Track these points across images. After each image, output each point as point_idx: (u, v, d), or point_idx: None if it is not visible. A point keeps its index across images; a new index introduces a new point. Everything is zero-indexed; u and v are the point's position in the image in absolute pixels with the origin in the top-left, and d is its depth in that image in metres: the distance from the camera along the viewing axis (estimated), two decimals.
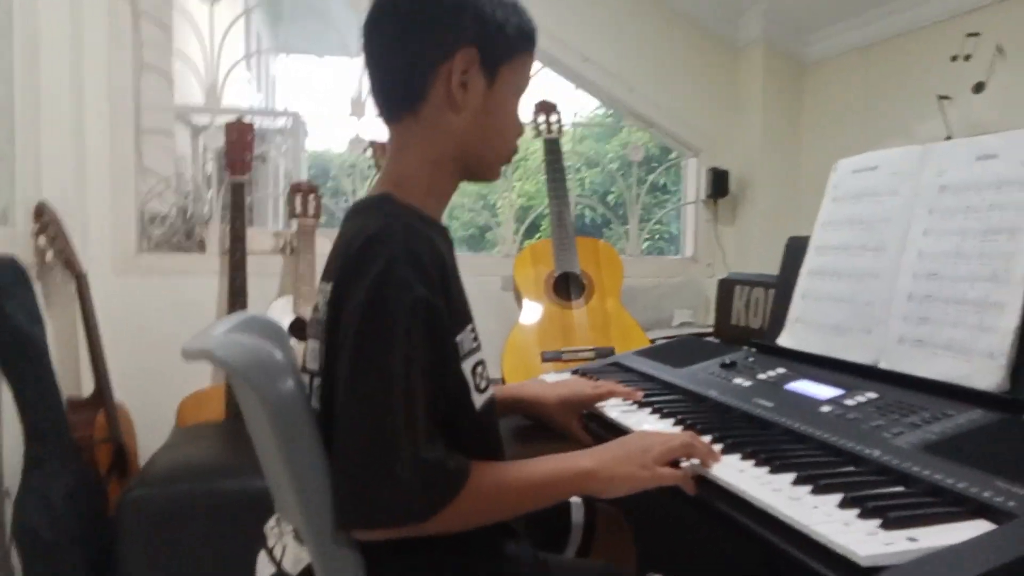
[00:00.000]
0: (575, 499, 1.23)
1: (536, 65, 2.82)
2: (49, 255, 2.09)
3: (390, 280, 0.84)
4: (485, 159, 1.02)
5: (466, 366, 0.94)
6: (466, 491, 0.85)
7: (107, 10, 2.37)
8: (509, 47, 0.97)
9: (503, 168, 1.07)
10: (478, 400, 0.95)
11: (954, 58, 2.21)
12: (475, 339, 0.97)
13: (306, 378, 0.97)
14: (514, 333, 2.36)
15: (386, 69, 0.98)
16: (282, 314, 2.33)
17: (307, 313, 2.34)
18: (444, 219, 1.05)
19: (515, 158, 2.12)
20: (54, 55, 2.16)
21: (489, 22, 0.94)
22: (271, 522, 1.05)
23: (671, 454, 0.93)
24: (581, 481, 0.93)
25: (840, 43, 2.70)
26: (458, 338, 0.92)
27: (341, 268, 0.90)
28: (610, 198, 7.28)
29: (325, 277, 0.97)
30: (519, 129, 1.03)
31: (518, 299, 2.46)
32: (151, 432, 2.30)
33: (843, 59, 2.72)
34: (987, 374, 1.00)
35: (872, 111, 2.58)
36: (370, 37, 0.98)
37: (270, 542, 1.02)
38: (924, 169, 1.21)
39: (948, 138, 2.16)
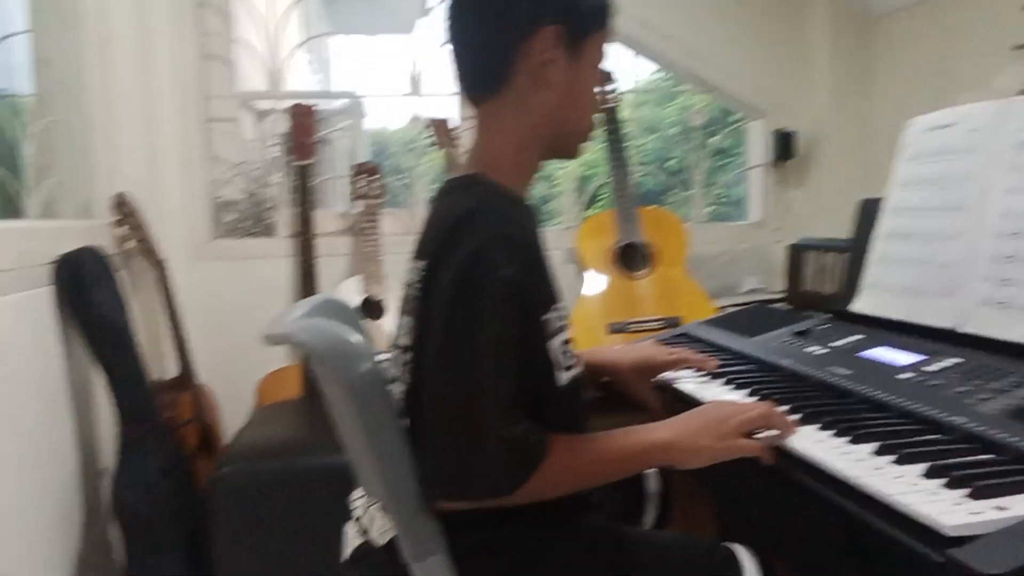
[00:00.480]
0: (650, 469, 1.24)
1: None
2: (130, 244, 2.18)
3: (480, 260, 0.86)
4: (569, 136, 1.04)
5: (553, 344, 0.95)
6: (546, 464, 0.88)
7: (170, 3, 2.43)
8: (589, 22, 0.98)
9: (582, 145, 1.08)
10: (564, 377, 0.97)
11: None
12: (562, 317, 0.98)
13: (398, 353, 1.00)
14: (578, 305, 2.36)
15: (470, 50, 1.00)
16: (351, 294, 2.38)
17: (376, 292, 2.38)
18: None
19: None
20: (124, 50, 2.23)
21: None
22: (357, 494, 1.09)
23: (749, 424, 0.93)
24: (659, 453, 0.94)
25: None
26: (545, 317, 0.93)
27: (434, 247, 0.93)
28: (670, 164, 7.18)
29: (419, 255, 1.00)
30: (597, 104, 1.04)
31: (581, 271, 2.46)
32: (233, 412, 2.39)
33: (914, 10, 2.60)
34: None
35: (945, 64, 2.47)
36: (452, 20, 1.00)
37: (357, 513, 1.06)
38: (1004, 125, 1.17)
39: None
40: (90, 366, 1.81)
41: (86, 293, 1.71)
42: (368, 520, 1.02)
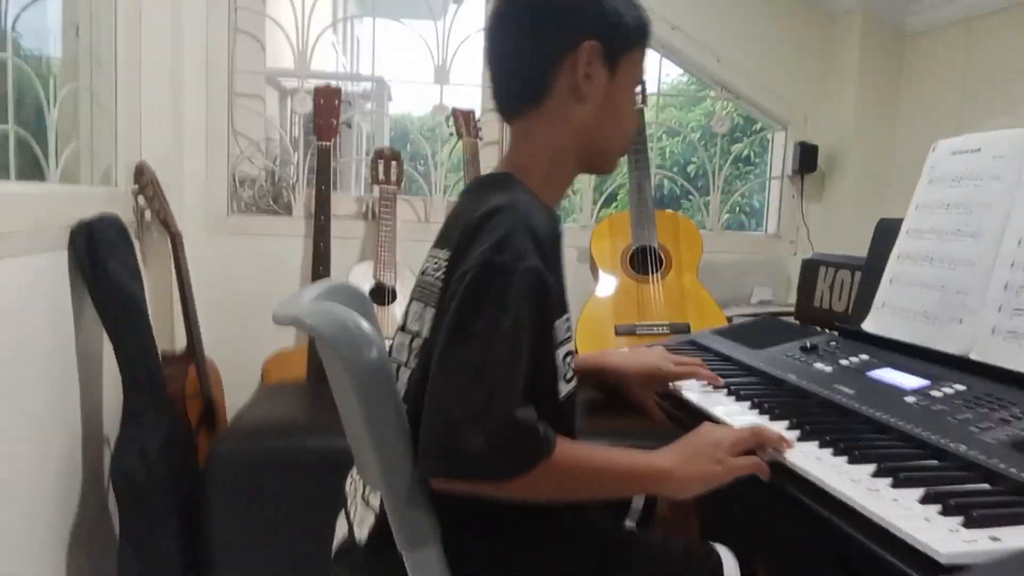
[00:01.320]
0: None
1: None
2: (148, 214, 2.19)
3: (507, 247, 0.87)
4: (605, 151, 1.05)
5: (559, 353, 0.95)
6: (550, 461, 0.86)
7: None
8: (629, 39, 0.99)
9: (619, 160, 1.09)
10: (563, 389, 0.97)
11: None
12: (568, 328, 0.99)
13: (405, 338, 1.01)
14: (589, 305, 2.37)
15: (510, 64, 1.02)
16: (363, 279, 2.39)
17: (387, 279, 2.39)
18: None
19: None
20: (155, 19, 2.24)
21: (610, 15, 0.97)
22: (349, 481, 1.10)
23: (741, 444, 0.94)
24: (658, 478, 0.94)
25: (943, 14, 2.57)
26: (556, 322, 0.94)
27: (461, 237, 0.92)
28: (691, 168, 7.15)
29: (441, 244, 1.00)
30: (635, 120, 1.06)
31: (594, 271, 2.46)
32: (238, 388, 2.41)
33: (946, 31, 2.58)
34: None
35: (975, 88, 2.45)
36: (493, 34, 1.02)
37: (349, 503, 1.06)
38: None
39: None
40: (100, 333, 1.83)
41: (102, 261, 1.72)
42: (354, 511, 1.02)
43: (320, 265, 2.38)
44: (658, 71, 2.90)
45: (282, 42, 2.64)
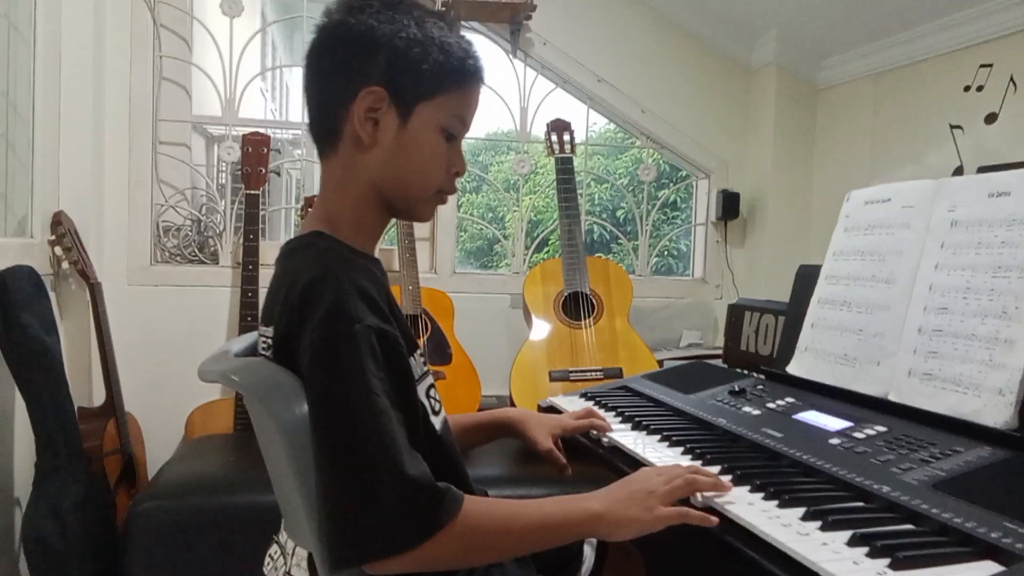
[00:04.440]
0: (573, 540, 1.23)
1: (549, 85, 2.86)
2: (65, 265, 2.11)
3: (339, 316, 0.84)
4: (406, 198, 1.01)
5: (421, 388, 0.95)
6: (463, 518, 0.82)
7: (129, 23, 2.41)
8: (427, 86, 0.96)
9: (434, 208, 1.05)
10: (436, 422, 0.97)
11: (967, 88, 2.22)
12: (424, 363, 0.99)
13: None
14: (523, 351, 2.37)
15: (312, 106, 1.00)
16: None
17: None
18: (455, 229, 1.06)
19: (524, 172, 2.07)
20: (75, 66, 2.19)
21: (400, 62, 0.94)
22: (267, 561, 1.05)
23: (674, 494, 0.92)
24: (589, 523, 0.91)
25: (853, 69, 2.72)
26: (410, 361, 0.93)
27: (284, 313, 0.90)
28: (619, 213, 7.29)
29: (266, 321, 0.97)
30: (449, 166, 1.01)
31: (527, 317, 2.47)
32: (160, 443, 2.32)
33: (856, 85, 2.73)
34: (996, 411, 1.01)
35: (884, 138, 2.59)
36: (304, 73, 1.00)
37: (268, 567, 1.02)
38: (937, 203, 1.22)
39: (959, 167, 2.17)
40: (12, 389, 1.74)
41: (14, 314, 1.65)
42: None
43: (248, 315, 2.32)
44: (586, 120, 2.98)
45: (209, 89, 2.61)
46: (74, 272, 2.13)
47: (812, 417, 1.20)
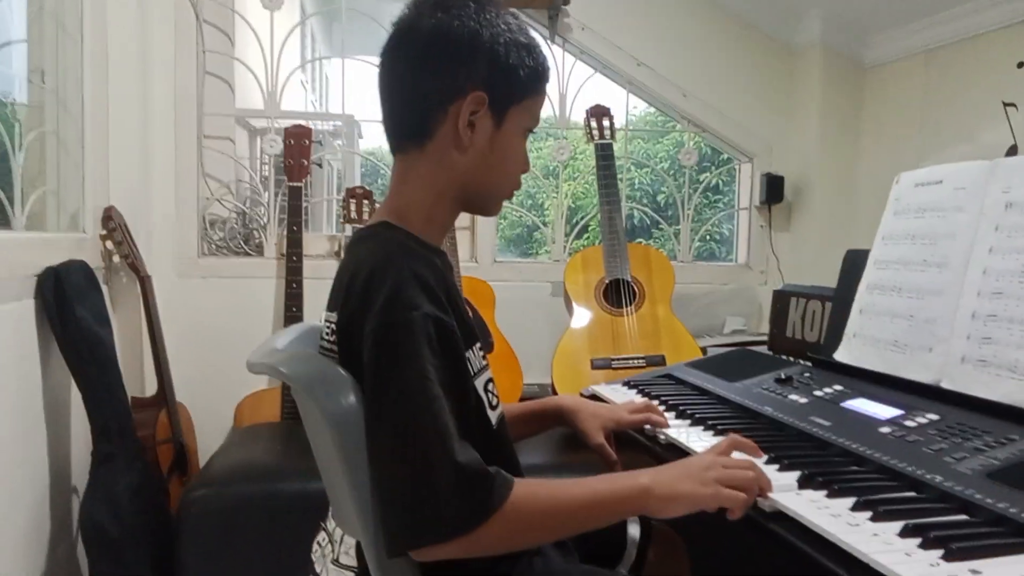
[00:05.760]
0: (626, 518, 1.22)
1: (587, 70, 2.84)
2: (116, 258, 2.17)
3: (398, 303, 0.86)
4: (486, 196, 1.04)
5: (479, 383, 0.95)
6: (514, 501, 0.83)
7: (173, 20, 2.45)
8: (520, 90, 0.98)
9: (502, 204, 1.09)
10: (493, 416, 0.98)
11: (1021, 64, 2.14)
12: (483, 357, 0.99)
13: None
14: (564, 339, 2.37)
15: (397, 102, 1.00)
16: None
17: None
18: (495, 218, 1.07)
19: (563, 159, 2.04)
20: (122, 64, 2.23)
21: (502, 66, 0.95)
22: (315, 547, 1.07)
23: (735, 479, 0.89)
24: (638, 498, 0.90)
25: (901, 47, 2.64)
26: (467, 354, 0.94)
27: (347, 300, 0.92)
28: (660, 198, 7.22)
29: (330, 306, 0.99)
30: (524, 167, 1.05)
31: (568, 305, 2.47)
32: (210, 432, 2.37)
33: (904, 63, 2.65)
34: None
35: (934, 117, 2.52)
36: (384, 67, 1.00)
37: (317, 567, 1.04)
38: (991, 185, 1.19)
39: (1013, 147, 2.10)
40: (68, 380, 1.79)
41: (69, 307, 1.69)
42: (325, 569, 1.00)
43: (293, 306, 2.36)
44: (626, 105, 2.95)
45: (251, 83, 2.65)
46: (125, 266, 2.18)
47: (861, 405, 1.18)
